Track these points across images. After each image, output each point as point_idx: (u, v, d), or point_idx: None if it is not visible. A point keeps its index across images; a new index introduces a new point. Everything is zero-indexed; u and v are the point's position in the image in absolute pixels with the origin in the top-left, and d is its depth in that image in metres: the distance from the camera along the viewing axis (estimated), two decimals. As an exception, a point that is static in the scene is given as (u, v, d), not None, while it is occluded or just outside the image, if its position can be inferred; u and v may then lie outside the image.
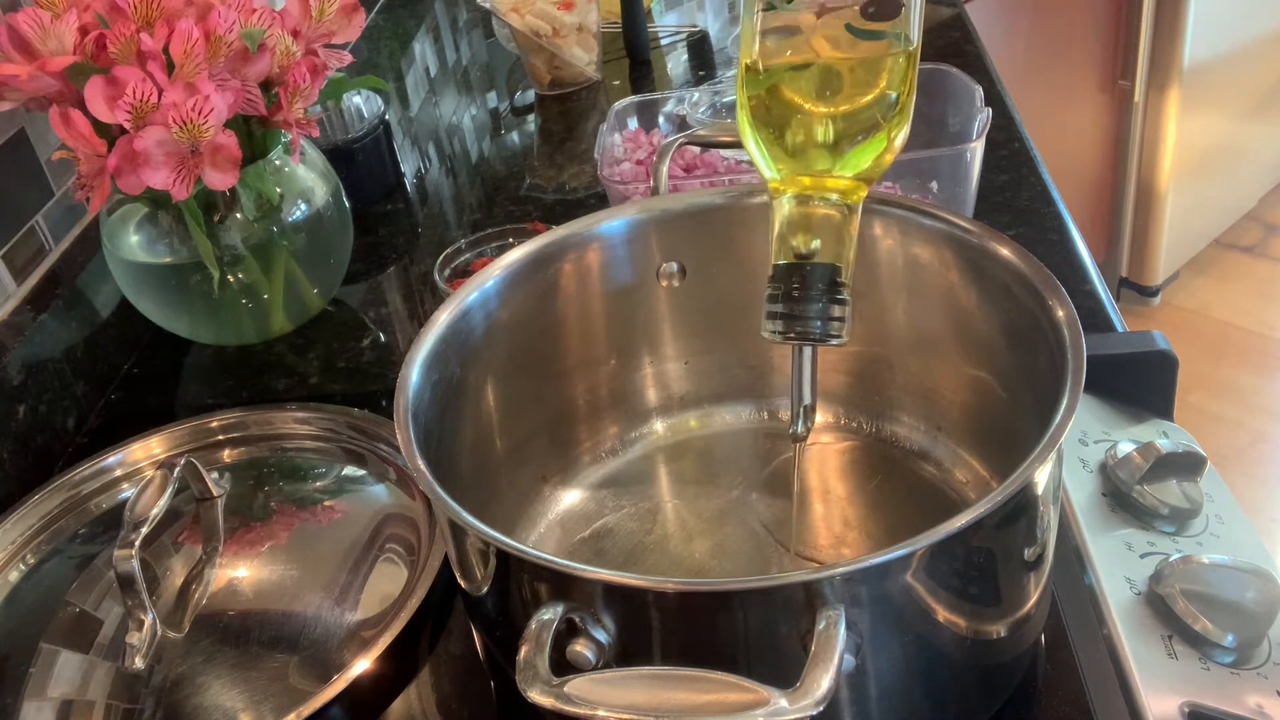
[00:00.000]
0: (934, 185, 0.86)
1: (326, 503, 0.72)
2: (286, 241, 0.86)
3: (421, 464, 0.50)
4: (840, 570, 0.43)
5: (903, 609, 0.45)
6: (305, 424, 0.78)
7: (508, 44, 1.37)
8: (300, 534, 0.69)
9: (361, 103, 1.07)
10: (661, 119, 1.00)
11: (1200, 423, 2.07)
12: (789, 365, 0.70)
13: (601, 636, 0.45)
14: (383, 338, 0.91)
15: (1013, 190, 0.95)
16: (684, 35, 1.42)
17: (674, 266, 0.68)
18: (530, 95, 1.31)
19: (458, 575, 0.54)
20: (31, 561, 0.71)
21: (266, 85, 0.79)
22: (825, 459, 0.68)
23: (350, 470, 0.75)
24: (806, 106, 0.54)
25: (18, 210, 0.84)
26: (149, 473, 0.69)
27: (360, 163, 1.08)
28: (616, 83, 1.32)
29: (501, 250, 0.84)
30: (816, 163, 0.54)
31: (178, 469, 0.68)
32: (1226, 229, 2.52)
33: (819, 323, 0.55)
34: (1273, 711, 0.50)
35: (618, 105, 0.97)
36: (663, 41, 1.41)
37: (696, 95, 1.03)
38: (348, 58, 0.85)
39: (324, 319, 0.94)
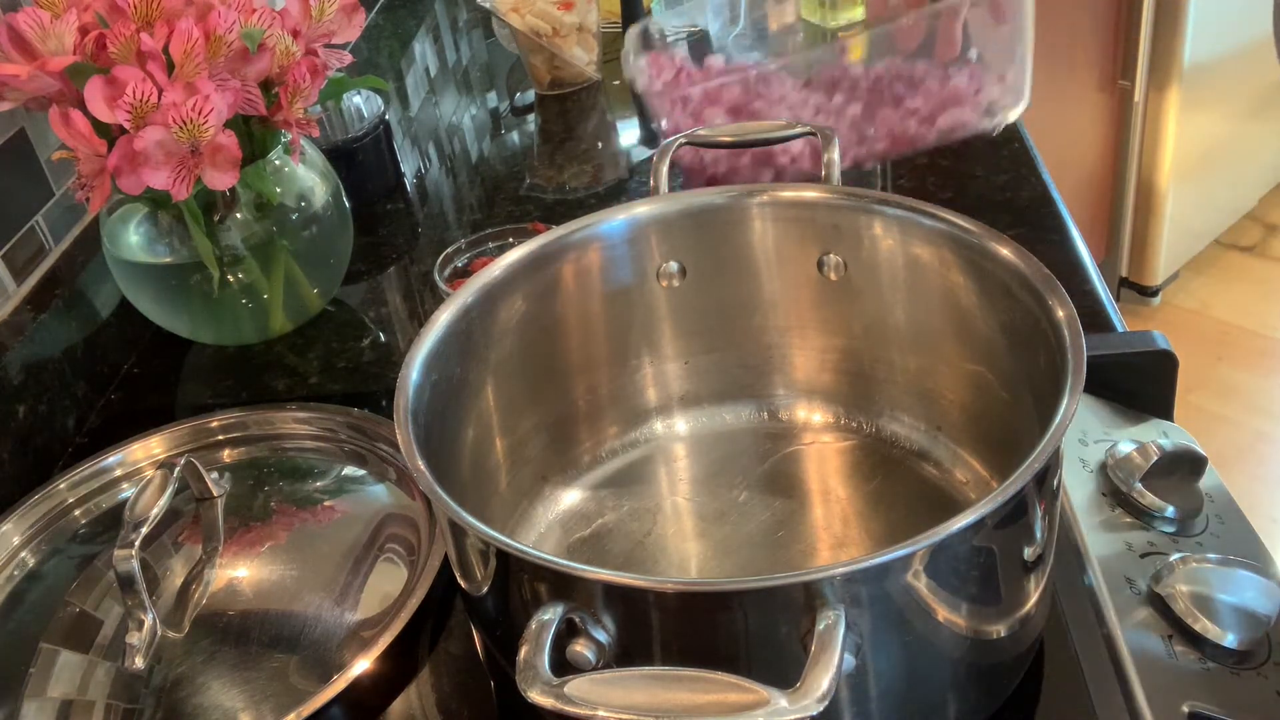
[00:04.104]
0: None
1: (326, 503, 0.72)
2: (286, 241, 0.86)
3: (421, 464, 0.50)
4: (840, 570, 0.43)
5: (903, 609, 0.45)
6: (305, 424, 0.78)
7: (508, 44, 1.37)
8: (300, 534, 0.69)
9: (361, 103, 1.07)
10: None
11: (1200, 423, 2.06)
12: (789, 365, 0.71)
13: (601, 636, 0.45)
14: (383, 338, 0.91)
15: (1013, 190, 0.95)
16: (684, 35, 1.42)
17: (674, 266, 0.68)
18: (530, 95, 1.31)
19: (458, 575, 0.54)
20: (31, 561, 0.71)
21: (266, 85, 0.79)
22: (825, 459, 0.68)
23: (350, 470, 0.75)
24: None
25: (18, 210, 0.84)
26: (149, 473, 0.69)
27: (360, 163, 1.08)
28: (616, 83, 1.32)
29: (501, 250, 0.84)
30: None
31: (178, 469, 0.68)
32: (1226, 229, 2.52)
33: None
34: (1273, 711, 0.50)
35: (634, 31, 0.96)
36: (663, 41, 1.41)
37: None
38: (348, 58, 0.85)
39: (324, 319, 0.94)
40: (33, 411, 0.81)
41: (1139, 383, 0.66)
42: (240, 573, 0.67)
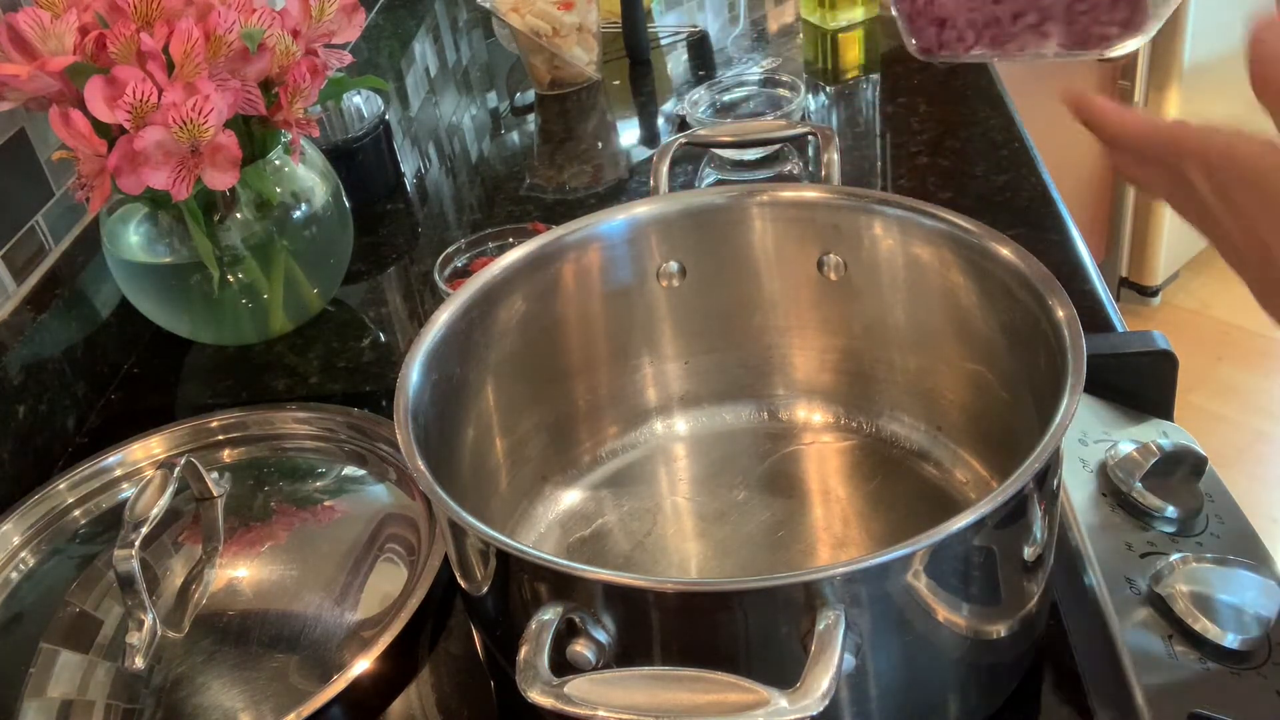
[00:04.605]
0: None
1: (326, 503, 0.72)
2: (286, 241, 0.86)
3: (421, 464, 0.50)
4: (840, 570, 0.43)
5: (903, 609, 0.45)
6: (305, 424, 0.78)
7: (508, 44, 1.37)
8: (300, 534, 0.69)
9: (361, 103, 1.07)
10: (661, 120, 1.00)
11: (1200, 423, 2.06)
12: (789, 365, 0.71)
13: (601, 636, 0.45)
14: (383, 338, 0.91)
15: (1013, 190, 0.95)
16: (684, 35, 1.42)
17: (674, 266, 0.68)
18: (530, 95, 1.31)
19: (458, 575, 0.54)
20: (31, 561, 0.71)
21: (266, 85, 0.79)
22: (825, 459, 0.68)
23: (350, 470, 0.75)
24: None
25: (18, 210, 0.84)
26: (149, 473, 0.69)
27: (360, 163, 1.08)
28: (616, 82, 1.32)
29: (501, 250, 0.84)
30: None
31: (178, 469, 0.68)
32: (1226, 229, 2.52)
33: None
34: (1273, 711, 0.50)
35: None
36: (663, 41, 1.41)
37: (696, 95, 1.03)
38: (348, 58, 0.85)
39: (324, 319, 0.94)
40: (33, 411, 0.81)
41: (1139, 383, 0.66)
42: (240, 573, 0.67)
